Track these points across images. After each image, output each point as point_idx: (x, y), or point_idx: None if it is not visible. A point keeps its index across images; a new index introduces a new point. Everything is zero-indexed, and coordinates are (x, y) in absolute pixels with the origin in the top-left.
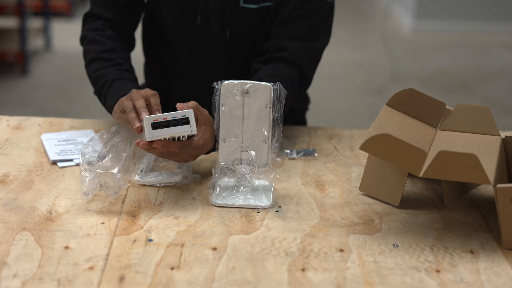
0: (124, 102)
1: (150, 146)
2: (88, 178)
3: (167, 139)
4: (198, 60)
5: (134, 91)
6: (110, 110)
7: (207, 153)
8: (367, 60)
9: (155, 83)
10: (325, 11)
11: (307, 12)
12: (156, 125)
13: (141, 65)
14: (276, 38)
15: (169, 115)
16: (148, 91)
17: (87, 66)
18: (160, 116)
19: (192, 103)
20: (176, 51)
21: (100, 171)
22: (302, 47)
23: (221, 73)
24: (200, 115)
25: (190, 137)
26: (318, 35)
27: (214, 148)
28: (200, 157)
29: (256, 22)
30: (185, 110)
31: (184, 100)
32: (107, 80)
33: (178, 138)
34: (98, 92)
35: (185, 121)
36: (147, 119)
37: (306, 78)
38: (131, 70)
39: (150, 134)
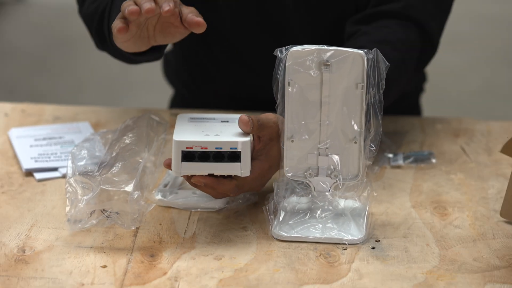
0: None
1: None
2: (84, 198)
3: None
4: (249, 22)
5: None
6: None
7: None
8: None
9: (188, 76)
10: None
11: None
12: (189, 155)
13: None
14: None
15: (211, 144)
16: None
17: (81, 6)
18: (196, 144)
19: (245, 120)
20: (219, 11)
21: (106, 188)
22: None
23: (289, 41)
24: (262, 129)
25: None
26: None
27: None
28: None
29: None
30: (235, 138)
31: (227, 88)
32: (108, 3)
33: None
34: (99, 26)
35: (234, 155)
36: (178, 144)
37: (431, 43)
38: None
39: (178, 168)
